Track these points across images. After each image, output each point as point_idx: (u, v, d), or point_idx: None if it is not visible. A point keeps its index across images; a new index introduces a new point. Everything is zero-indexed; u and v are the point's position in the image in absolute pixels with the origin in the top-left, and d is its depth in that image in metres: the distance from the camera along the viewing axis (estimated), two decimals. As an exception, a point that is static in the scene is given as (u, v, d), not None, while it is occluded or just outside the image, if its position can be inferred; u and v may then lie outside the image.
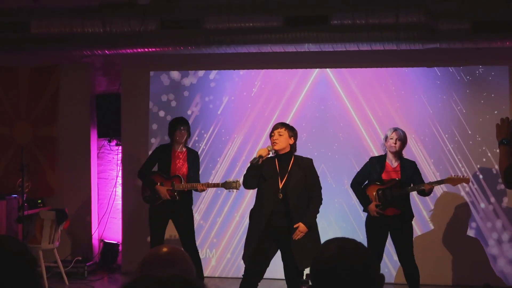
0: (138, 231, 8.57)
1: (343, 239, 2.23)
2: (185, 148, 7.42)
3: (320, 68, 8.39)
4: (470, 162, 8.05)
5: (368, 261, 2.17)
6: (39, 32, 7.74)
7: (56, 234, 8.06)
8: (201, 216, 8.53)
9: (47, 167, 9.05)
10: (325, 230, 8.08)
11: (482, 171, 8.03)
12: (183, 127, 7.31)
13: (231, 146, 8.55)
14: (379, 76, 8.28)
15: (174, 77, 8.72)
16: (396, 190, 6.68)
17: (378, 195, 6.72)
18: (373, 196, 6.76)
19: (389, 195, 6.68)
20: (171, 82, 8.72)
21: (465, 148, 8.06)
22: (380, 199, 6.71)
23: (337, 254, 2.16)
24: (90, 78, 9.13)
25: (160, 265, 2.26)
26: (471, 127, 8.06)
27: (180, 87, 8.70)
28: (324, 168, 8.24)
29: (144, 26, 7.53)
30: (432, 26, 7.10)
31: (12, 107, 9.18)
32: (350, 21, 7.15)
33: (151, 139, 8.71)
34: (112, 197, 9.07)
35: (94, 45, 7.85)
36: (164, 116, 8.66)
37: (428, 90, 8.16)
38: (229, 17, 7.39)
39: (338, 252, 2.17)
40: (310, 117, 8.37)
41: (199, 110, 8.63)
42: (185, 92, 8.68)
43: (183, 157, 7.35)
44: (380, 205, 6.70)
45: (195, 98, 8.65)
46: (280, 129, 5.97)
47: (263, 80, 8.53)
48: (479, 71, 8.06)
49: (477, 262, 7.97)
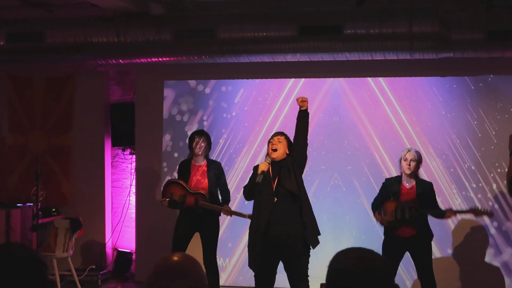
0: (151, 239, 8.59)
1: (362, 249, 2.23)
2: (206, 161, 7.18)
3: (333, 78, 8.37)
4: (486, 175, 7.99)
5: (386, 272, 2.16)
6: (54, 41, 7.80)
7: (70, 242, 8.09)
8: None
9: (61, 176, 9.10)
10: (337, 238, 8.08)
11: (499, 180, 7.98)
12: (201, 137, 7.10)
13: (244, 155, 8.55)
14: (392, 85, 8.25)
15: (188, 86, 8.74)
16: (416, 210, 6.57)
17: (396, 212, 6.56)
18: (390, 212, 6.59)
19: (407, 214, 6.55)
20: (184, 91, 8.74)
21: (480, 159, 8.00)
22: (396, 216, 6.55)
23: (356, 264, 2.16)
24: (104, 87, 9.18)
25: (171, 273, 2.25)
26: (486, 138, 8.01)
27: (194, 96, 8.71)
28: (338, 177, 8.23)
29: (158, 35, 7.57)
30: (446, 36, 7.09)
31: (27, 116, 9.25)
32: (364, 30, 7.15)
33: (164, 146, 8.73)
34: (126, 206, 9.09)
35: (108, 55, 7.90)
36: (178, 125, 8.68)
37: (442, 99, 8.12)
38: (243, 27, 7.42)
39: (356, 261, 2.16)
40: (323, 126, 8.36)
41: (212, 119, 8.64)
42: (198, 101, 8.69)
43: (203, 171, 7.11)
44: (394, 222, 6.56)
45: (209, 107, 8.66)
46: (280, 136, 6.03)
47: (276, 89, 8.52)
48: (492, 80, 8.01)
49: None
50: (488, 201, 7.95)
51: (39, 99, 9.23)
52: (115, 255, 9.09)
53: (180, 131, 8.70)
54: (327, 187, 8.32)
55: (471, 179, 7.99)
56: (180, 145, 8.67)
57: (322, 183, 8.32)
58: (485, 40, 7.05)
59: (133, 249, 9.00)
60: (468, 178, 8.00)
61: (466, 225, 8.00)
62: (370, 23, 7.12)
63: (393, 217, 6.56)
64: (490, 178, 7.97)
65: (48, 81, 9.22)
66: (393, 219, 6.56)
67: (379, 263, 2.17)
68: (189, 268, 2.28)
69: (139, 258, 8.78)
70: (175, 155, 8.69)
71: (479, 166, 8.01)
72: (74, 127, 9.14)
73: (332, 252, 2.32)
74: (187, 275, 2.25)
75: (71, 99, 9.15)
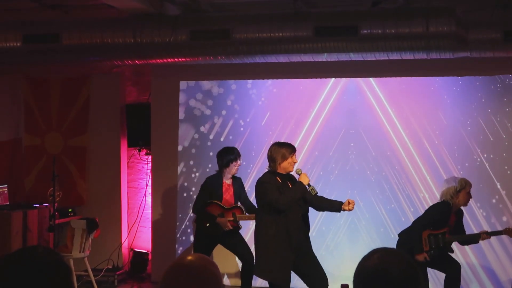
0: (167, 240, 8.61)
1: (388, 250, 2.21)
2: (231, 178, 7.30)
3: (349, 78, 8.35)
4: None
5: (411, 275, 2.14)
6: (70, 43, 7.82)
7: (87, 243, 8.11)
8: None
9: (78, 177, 9.14)
10: (355, 242, 8.06)
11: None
12: (240, 159, 7.20)
13: (260, 156, 8.54)
14: (409, 85, 8.22)
15: (203, 87, 8.74)
16: (450, 237, 6.55)
17: (430, 240, 6.55)
18: (423, 240, 6.57)
19: (441, 241, 6.55)
20: (200, 91, 8.75)
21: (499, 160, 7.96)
22: (431, 244, 6.54)
23: (378, 265, 2.14)
24: (120, 88, 9.21)
25: (184, 274, 2.25)
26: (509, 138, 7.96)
27: (210, 97, 8.72)
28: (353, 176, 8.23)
29: (174, 36, 7.57)
30: (463, 35, 7.05)
31: (44, 118, 9.29)
32: (380, 30, 7.13)
33: (180, 147, 8.74)
34: (142, 206, 9.12)
35: (124, 56, 7.92)
36: (193, 126, 8.70)
37: (459, 99, 8.07)
38: (258, 27, 7.41)
39: (379, 262, 2.15)
40: (339, 127, 8.34)
41: (228, 119, 8.64)
42: (214, 102, 8.70)
43: (230, 186, 7.22)
44: (430, 251, 6.54)
45: (224, 107, 8.66)
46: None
47: (291, 89, 8.51)
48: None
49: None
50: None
51: (55, 100, 9.27)
52: (131, 255, 9.11)
53: (194, 131, 8.71)
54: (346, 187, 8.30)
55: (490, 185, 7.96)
56: (196, 144, 8.69)
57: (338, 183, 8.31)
58: (501, 40, 7.01)
59: (149, 250, 9.02)
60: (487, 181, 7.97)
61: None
62: (386, 23, 7.10)
63: (427, 246, 6.54)
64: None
65: (64, 82, 9.26)
66: (428, 248, 6.54)
67: (401, 264, 2.15)
68: (202, 268, 2.28)
69: (155, 259, 8.80)
70: (191, 159, 8.70)
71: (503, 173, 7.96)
72: (90, 128, 9.18)
73: (349, 252, 2.31)
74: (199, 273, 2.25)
75: (87, 100, 9.19)
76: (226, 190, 7.19)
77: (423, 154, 8.12)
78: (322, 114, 8.40)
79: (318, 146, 8.32)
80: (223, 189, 7.16)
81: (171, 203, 8.74)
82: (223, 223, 7.06)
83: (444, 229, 6.53)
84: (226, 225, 7.06)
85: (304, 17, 7.37)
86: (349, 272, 2.31)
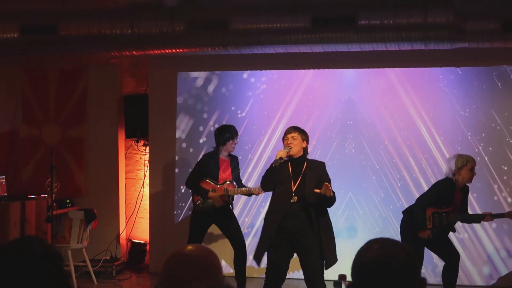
0: (165, 230, 8.62)
1: (387, 240, 2.21)
2: (229, 155, 7.40)
3: (347, 69, 8.35)
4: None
5: (411, 264, 2.15)
6: (67, 34, 7.81)
7: (85, 233, 8.12)
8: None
9: (75, 168, 9.13)
10: (352, 233, 8.08)
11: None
12: (237, 138, 7.30)
13: (259, 148, 8.54)
14: (406, 76, 8.21)
15: (201, 78, 8.73)
16: (454, 216, 6.54)
17: (433, 217, 6.52)
18: (428, 218, 6.53)
19: (445, 220, 6.52)
20: (198, 82, 8.74)
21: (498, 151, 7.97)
22: (434, 222, 6.52)
23: (380, 255, 2.14)
24: (118, 79, 9.19)
25: (184, 263, 2.25)
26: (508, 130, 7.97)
27: (207, 87, 8.71)
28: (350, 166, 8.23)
29: (172, 27, 7.56)
30: (461, 26, 7.04)
31: (41, 109, 9.28)
32: (378, 21, 7.12)
33: (178, 138, 8.73)
34: (140, 197, 9.12)
35: (122, 46, 7.91)
36: (191, 117, 8.69)
37: (457, 90, 8.07)
38: (256, 18, 7.40)
39: (380, 252, 2.15)
40: (336, 118, 8.34)
41: (225, 110, 8.64)
42: (211, 93, 8.69)
43: (228, 164, 7.32)
44: (433, 229, 6.51)
45: (221, 98, 8.66)
46: (293, 133, 5.89)
47: (289, 80, 8.50)
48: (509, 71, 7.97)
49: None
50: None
51: (52, 91, 9.25)
52: (129, 246, 9.12)
53: (192, 122, 8.71)
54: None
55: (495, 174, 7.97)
56: (192, 138, 8.68)
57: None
58: (500, 30, 7.00)
59: (147, 240, 9.02)
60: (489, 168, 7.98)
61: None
62: (385, 14, 7.09)
63: (430, 224, 6.53)
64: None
65: (62, 73, 9.24)
66: (432, 226, 6.53)
67: (402, 253, 2.15)
68: (202, 258, 2.28)
69: (153, 249, 8.81)
70: (189, 150, 8.70)
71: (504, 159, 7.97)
72: (88, 119, 9.16)
73: (347, 244, 2.31)
74: (198, 263, 2.25)
75: (85, 91, 9.17)
76: (222, 166, 7.26)
77: (421, 145, 8.12)
78: (320, 104, 8.39)
79: (316, 137, 8.31)
80: (219, 165, 7.24)
81: (169, 193, 8.75)
82: (215, 198, 7.12)
83: (449, 208, 6.52)
84: (218, 200, 7.12)
85: (302, 7, 7.35)
86: (347, 262, 2.32)
